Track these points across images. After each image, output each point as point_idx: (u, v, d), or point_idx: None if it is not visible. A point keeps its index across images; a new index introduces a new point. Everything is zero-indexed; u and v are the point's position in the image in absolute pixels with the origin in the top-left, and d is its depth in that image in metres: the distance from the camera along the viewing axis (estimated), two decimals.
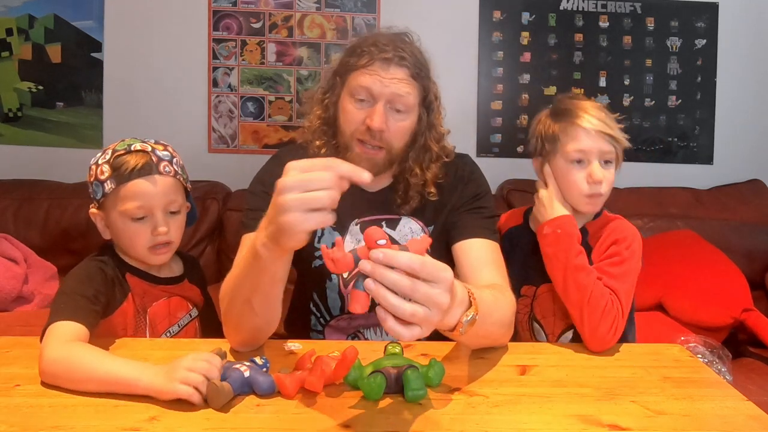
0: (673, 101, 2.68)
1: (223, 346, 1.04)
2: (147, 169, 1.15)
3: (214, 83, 2.57)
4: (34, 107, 2.55)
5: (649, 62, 2.66)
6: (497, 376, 1.01)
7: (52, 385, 0.93)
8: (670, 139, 2.69)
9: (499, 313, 1.04)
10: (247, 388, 0.90)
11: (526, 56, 2.64)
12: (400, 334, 0.74)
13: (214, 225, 2.34)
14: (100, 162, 1.17)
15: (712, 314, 2.00)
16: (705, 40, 2.66)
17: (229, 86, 2.58)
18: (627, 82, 2.66)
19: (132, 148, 1.17)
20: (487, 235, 1.26)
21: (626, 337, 1.24)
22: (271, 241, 0.87)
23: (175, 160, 1.21)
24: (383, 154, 1.25)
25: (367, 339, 1.32)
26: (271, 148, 2.56)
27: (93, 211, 1.21)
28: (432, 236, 1.30)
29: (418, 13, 2.57)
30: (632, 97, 2.66)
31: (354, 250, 0.75)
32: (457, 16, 2.61)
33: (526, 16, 2.63)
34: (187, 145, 2.54)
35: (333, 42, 2.57)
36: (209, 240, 2.35)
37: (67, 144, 2.55)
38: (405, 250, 0.75)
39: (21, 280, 1.90)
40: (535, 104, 2.64)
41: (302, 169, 0.81)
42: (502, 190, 2.48)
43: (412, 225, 1.31)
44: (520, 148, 2.65)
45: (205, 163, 2.55)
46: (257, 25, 2.57)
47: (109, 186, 1.15)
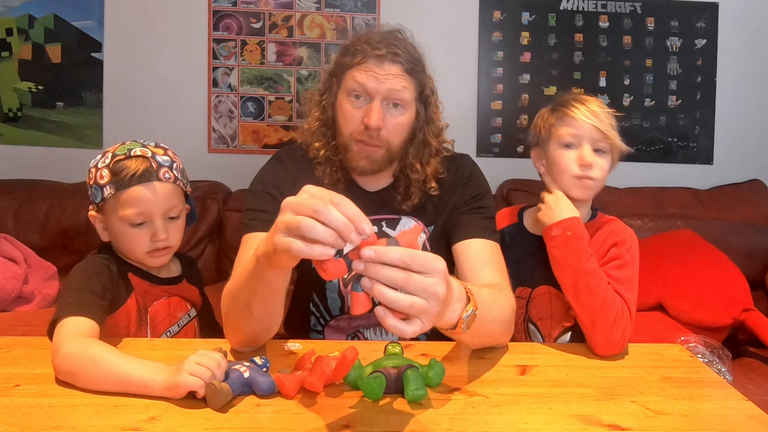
0: (673, 101, 2.68)
1: (223, 346, 1.04)
2: (147, 176, 1.15)
3: (214, 83, 2.57)
4: (34, 107, 2.55)
5: (649, 62, 2.66)
6: (497, 376, 1.01)
7: (65, 383, 0.93)
8: (670, 139, 2.69)
9: (498, 311, 1.04)
10: (247, 389, 0.90)
11: (526, 56, 2.64)
12: (402, 330, 0.74)
13: (214, 225, 2.34)
14: (100, 166, 1.17)
15: (712, 314, 1.99)
16: (705, 40, 2.66)
17: (229, 86, 2.58)
18: (627, 82, 2.66)
19: (132, 153, 1.16)
20: (488, 236, 1.26)
21: None
22: (266, 255, 0.86)
23: (175, 165, 1.20)
24: (382, 151, 1.25)
25: (367, 339, 1.32)
26: (271, 148, 2.56)
27: (92, 213, 1.21)
28: (432, 236, 1.31)
29: (418, 13, 2.57)
30: (632, 97, 2.66)
31: (345, 255, 0.74)
32: (457, 16, 2.61)
33: (526, 16, 2.63)
34: (187, 145, 2.55)
35: (333, 42, 2.57)
36: (209, 240, 2.35)
37: (67, 144, 2.55)
38: (395, 243, 0.75)
39: (21, 280, 1.90)
40: (535, 104, 2.64)
41: (313, 195, 0.76)
42: (502, 190, 2.48)
43: (417, 225, 1.31)
44: (520, 148, 2.65)
45: (205, 163, 2.55)
46: (257, 25, 2.57)
47: (108, 191, 1.15)
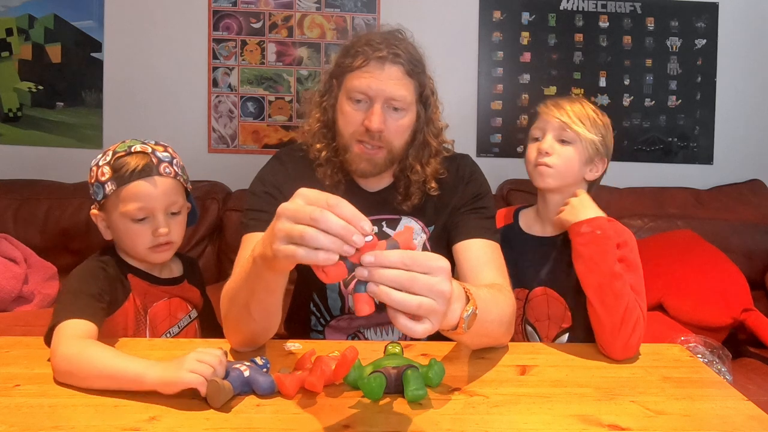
0: (673, 101, 2.68)
1: (224, 346, 1.04)
2: (147, 171, 1.16)
3: (214, 83, 2.57)
4: (34, 107, 2.55)
5: (649, 62, 2.66)
6: (497, 376, 1.01)
7: (64, 384, 0.93)
8: (670, 139, 2.69)
9: (498, 311, 1.04)
10: (247, 388, 0.90)
11: (526, 56, 2.64)
12: (413, 329, 0.73)
13: (214, 225, 2.34)
14: (101, 163, 1.18)
15: (712, 314, 1.99)
16: (705, 40, 2.66)
17: (229, 86, 2.58)
18: (627, 82, 2.66)
19: (132, 150, 1.18)
20: (488, 236, 1.26)
21: None
22: (264, 258, 0.85)
23: (175, 161, 1.21)
24: (383, 153, 1.25)
25: (367, 339, 1.32)
26: (271, 148, 2.56)
27: (94, 212, 1.22)
28: (432, 236, 1.31)
29: (418, 13, 2.57)
30: (632, 97, 2.66)
31: (345, 258, 0.74)
32: (457, 16, 2.61)
33: (526, 16, 2.63)
34: (187, 145, 2.55)
35: (333, 42, 2.57)
36: (209, 240, 2.35)
37: (67, 144, 2.55)
38: (394, 244, 0.75)
39: (21, 280, 1.90)
40: (535, 104, 2.58)
41: (308, 200, 0.75)
42: (502, 190, 2.48)
43: (409, 225, 1.31)
44: (520, 148, 2.65)
45: (205, 163, 2.55)
46: (257, 25, 2.57)
47: (109, 187, 1.16)
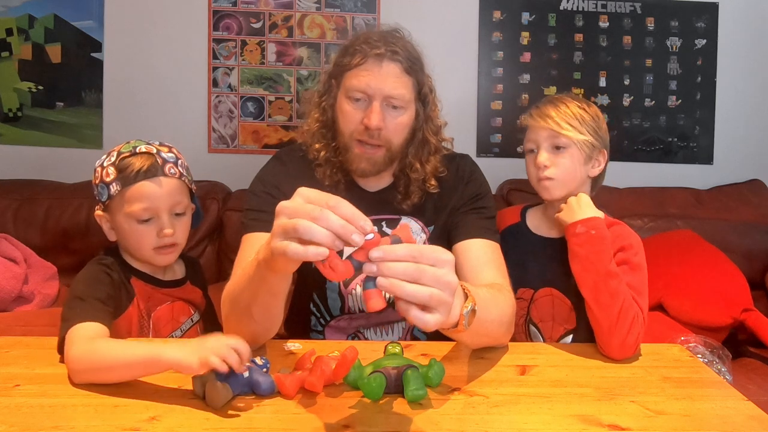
0: (673, 101, 2.67)
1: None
2: (152, 171, 1.16)
3: (214, 83, 2.57)
4: (34, 107, 2.54)
5: (649, 62, 2.65)
6: (497, 376, 1.01)
7: (83, 385, 0.93)
8: (670, 139, 2.68)
9: (498, 310, 1.04)
10: (247, 389, 0.90)
11: (526, 56, 2.64)
12: (425, 321, 0.73)
13: (214, 225, 2.34)
14: (105, 164, 1.18)
15: (712, 314, 1.99)
16: (705, 40, 2.66)
17: (229, 86, 2.58)
18: (627, 82, 2.66)
19: (137, 150, 1.18)
20: (488, 236, 1.26)
21: None
22: (266, 260, 0.85)
23: (180, 162, 1.21)
24: (383, 152, 1.25)
25: (367, 339, 1.32)
26: (271, 148, 2.56)
27: (98, 213, 1.21)
28: (432, 236, 1.31)
29: (418, 13, 2.56)
30: (632, 97, 2.66)
31: (350, 256, 0.74)
32: (457, 16, 2.60)
33: (526, 16, 2.62)
34: (187, 145, 2.52)
35: (333, 42, 2.56)
36: (209, 240, 2.35)
37: (67, 144, 2.55)
38: (397, 239, 0.75)
39: (21, 280, 1.90)
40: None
41: (308, 199, 0.76)
42: (502, 190, 2.48)
43: (412, 225, 1.31)
44: (520, 148, 2.60)
45: (205, 163, 2.54)
46: (257, 25, 2.57)
47: (114, 188, 1.16)
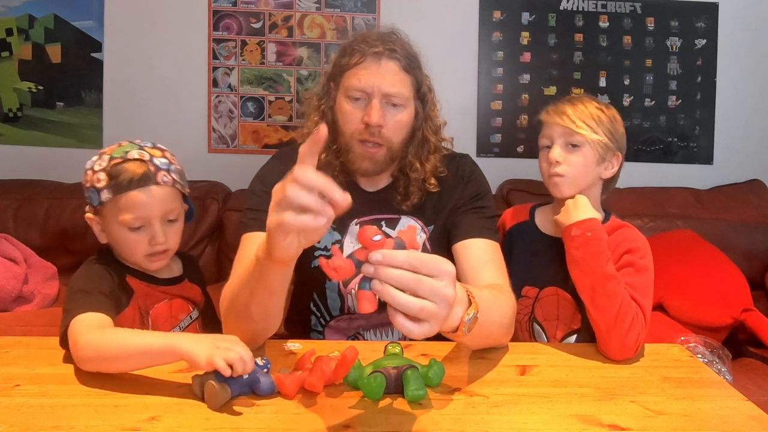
0: (673, 101, 2.67)
1: None
2: (145, 180, 1.13)
3: (214, 83, 2.57)
4: (34, 107, 2.55)
5: (649, 62, 2.65)
6: (497, 376, 1.01)
7: (82, 382, 0.93)
8: (670, 139, 2.69)
9: (498, 312, 1.04)
10: (247, 389, 0.90)
11: (526, 56, 2.64)
12: (410, 330, 0.73)
13: (214, 225, 2.34)
14: (96, 168, 1.14)
15: (712, 314, 1.99)
16: (705, 40, 2.66)
17: (229, 86, 2.58)
18: (627, 82, 2.66)
19: (129, 156, 1.14)
20: (488, 235, 1.26)
21: None
22: (265, 251, 0.85)
23: (173, 167, 1.18)
24: (383, 151, 1.25)
25: (366, 339, 1.31)
26: (271, 148, 2.56)
27: (89, 216, 1.19)
28: (432, 236, 1.31)
29: (418, 13, 2.57)
30: (632, 97, 2.66)
31: (352, 255, 0.74)
32: (457, 16, 2.60)
33: (526, 16, 2.62)
34: (187, 145, 2.55)
35: (333, 42, 2.57)
36: (209, 240, 2.35)
37: (67, 144, 2.55)
38: (401, 243, 0.75)
39: (21, 280, 1.90)
40: (535, 104, 2.64)
41: (280, 187, 0.78)
42: (502, 190, 2.48)
43: (412, 224, 1.31)
44: (520, 148, 2.65)
45: (205, 163, 2.55)
46: (257, 25, 2.57)
47: (106, 195, 1.13)
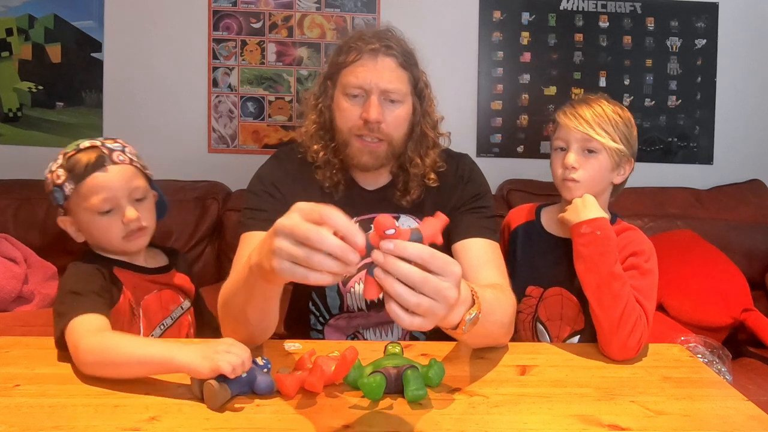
0: (673, 101, 2.67)
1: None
2: (101, 161, 1.17)
3: (214, 83, 2.57)
4: (34, 107, 2.55)
5: (649, 62, 2.65)
6: (497, 376, 1.01)
7: (82, 382, 0.94)
8: (670, 139, 2.69)
9: (500, 312, 1.05)
10: (246, 389, 0.90)
11: (526, 56, 2.64)
12: (402, 318, 0.73)
13: (214, 225, 2.34)
14: (54, 168, 1.18)
15: (712, 314, 1.99)
16: (705, 40, 2.66)
17: (229, 86, 2.58)
18: (627, 82, 2.66)
19: (81, 147, 1.19)
20: (488, 235, 1.26)
21: None
22: (260, 268, 0.84)
23: (127, 150, 1.22)
24: (385, 146, 1.25)
25: (366, 339, 1.32)
26: (271, 148, 2.56)
27: (60, 218, 1.21)
28: None
29: (418, 13, 2.57)
30: (632, 97, 2.66)
31: (366, 236, 0.73)
32: (457, 16, 2.61)
33: (526, 16, 2.62)
34: (187, 145, 2.56)
35: (333, 42, 2.56)
36: (209, 240, 2.35)
37: (67, 144, 2.54)
38: (418, 235, 0.75)
39: (21, 280, 1.90)
40: (535, 104, 2.64)
41: (304, 214, 0.74)
42: (502, 190, 2.48)
43: (411, 223, 1.31)
44: (520, 148, 2.65)
45: (205, 163, 2.55)
46: (257, 25, 2.57)
47: (68, 188, 1.16)
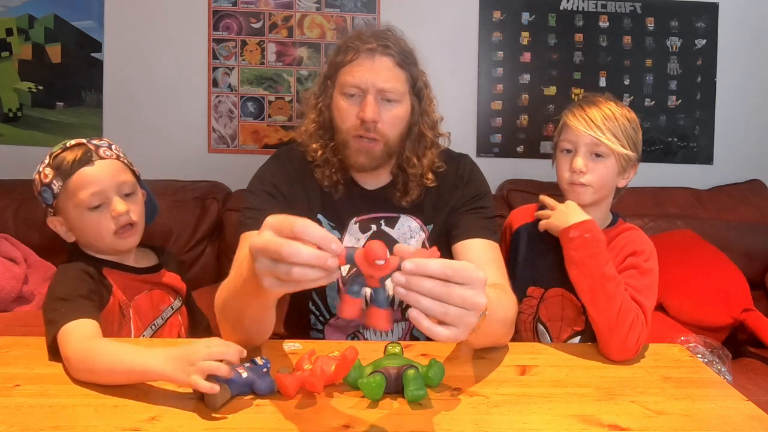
0: (673, 101, 2.67)
1: None
2: (87, 156, 1.18)
3: (214, 83, 2.57)
4: (34, 107, 2.54)
5: (649, 62, 2.65)
6: (497, 376, 1.01)
7: (83, 382, 0.94)
8: (670, 139, 2.69)
9: (502, 311, 1.05)
10: (246, 389, 0.90)
11: (526, 56, 2.64)
12: (437, 333, 0.73)
13: (214, 225, 2.34)
14: (41, 169, 1.20)
15: (712, 314, 1.99)
16: (705, 40, 2.66)
17: (229, 86, 2.58)
18: (627, 82, 2.66)
19: (67, 145, 1.21)
20: (488, 235, 1.26)
21: None
22: (253, 284, 0.83)
23: (114, 147, 1.24)
24: (380, 146, 1.25)
25: (366, 339, 1.32)
26: (271, 148, 2.56)
27: (50, 219, 1.21)
28: (431, 235, 1.31)
29: (418, 13, 2.57)
30: (632, 97, 2.66)
31: (352, 248, 0.73)
32: (457, 16, 2.60)
33: (526, 16, 2.62)
34: (187, 145, 2.55)
35: (333, 42, 2.56)
36: (209, 240, 2.35)
37: None
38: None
39: (21, 280, 1.89)
40: (535, 104, 2.64)
41: (275, 229, 0.74)
42: (502, 190, 2.48)
43: (411, 223, 1.31)
44: (520, 148, 2.65)
45: (205, 163, 2.55)
46: (257, 25, 2.57)
47: (56, 186, 1.17)
